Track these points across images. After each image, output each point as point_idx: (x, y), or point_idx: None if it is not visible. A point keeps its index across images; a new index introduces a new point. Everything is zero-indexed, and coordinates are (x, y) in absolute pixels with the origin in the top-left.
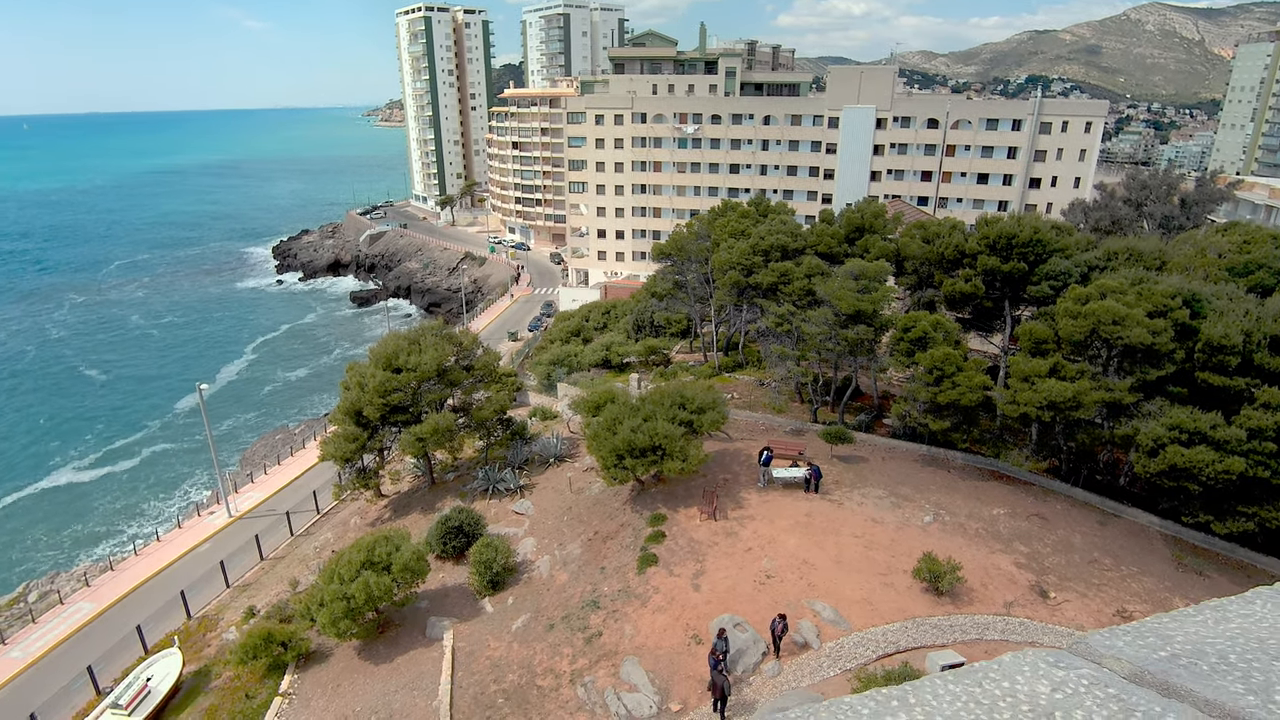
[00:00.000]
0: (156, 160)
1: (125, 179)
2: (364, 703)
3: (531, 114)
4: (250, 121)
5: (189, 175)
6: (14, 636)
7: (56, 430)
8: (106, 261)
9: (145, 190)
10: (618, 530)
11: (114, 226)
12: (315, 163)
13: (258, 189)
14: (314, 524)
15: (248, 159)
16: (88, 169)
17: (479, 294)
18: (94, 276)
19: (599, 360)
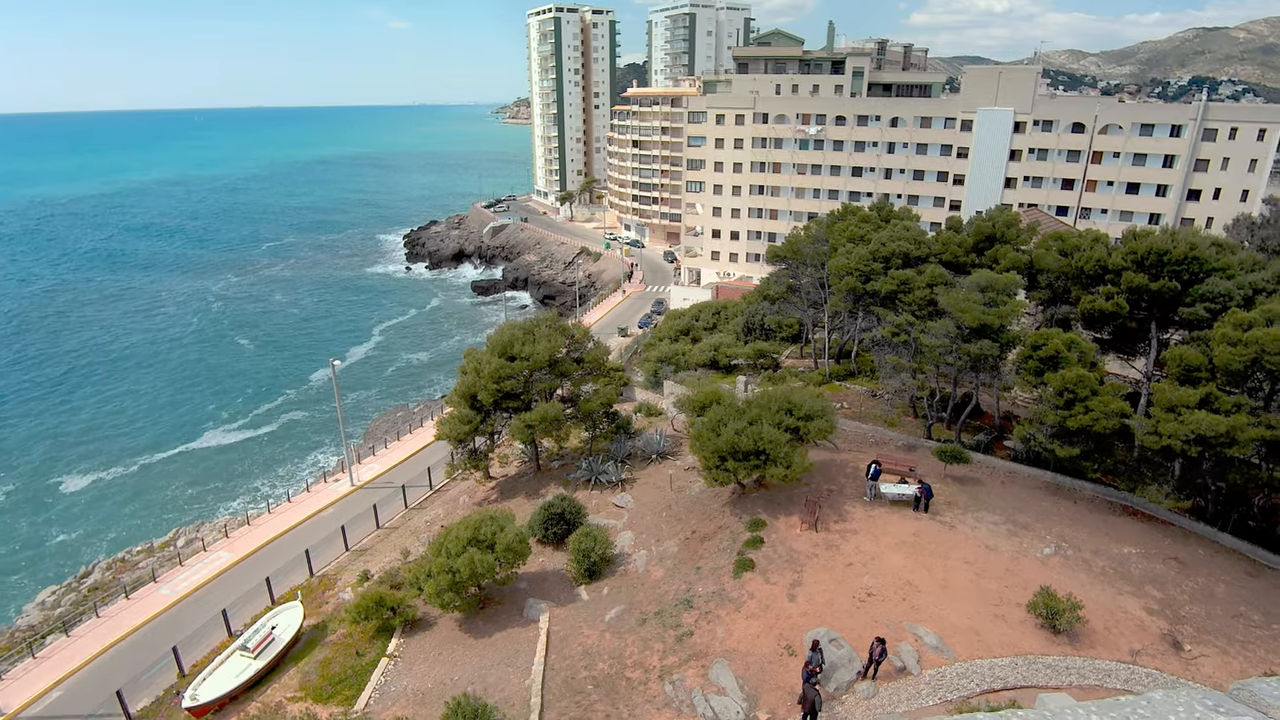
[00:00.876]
0: (307, 151)
1: (280, 168)
2: (461, 673)
3: (652, 113)
4: (390, 117)
5: (333, 166)
6: (164, 576)
7: (211, 394)
8: (258, 243)
9: (296, 179)
10: (715, 532)
11: (266, 211)
12: (446, 157)
13: (393, 180)
14: (426, 499)
15: (386, 152)
16: (249, 158)
17: (592, 289)
18: (247, 255)
19: (707, 360)
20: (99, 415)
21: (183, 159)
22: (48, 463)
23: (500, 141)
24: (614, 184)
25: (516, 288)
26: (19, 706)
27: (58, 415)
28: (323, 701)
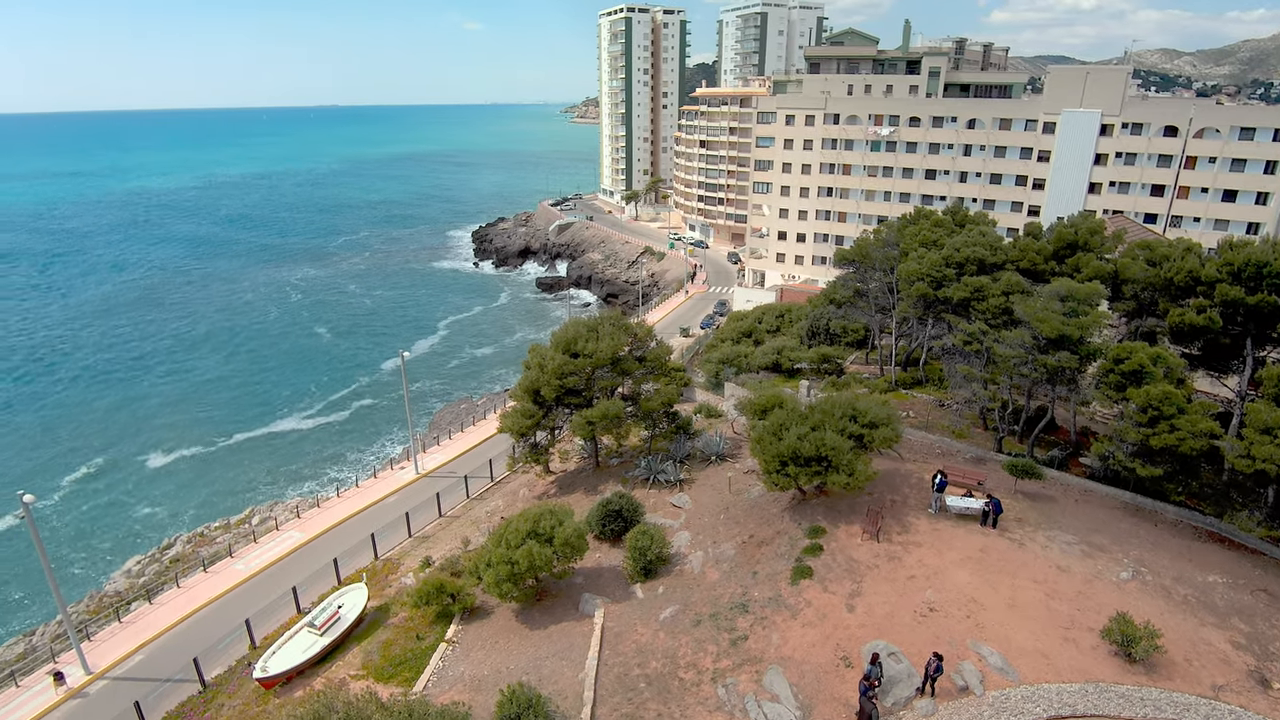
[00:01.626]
0: (382, 149)
1: (357, 165)
2: (517, 662)
3: (721, 113)
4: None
5: (407, 163)
6: (239, 552)
7: (287, 381)
8: (335, 235)
9: (371, 175)
10: (773, 537)
11: (344, 206)
12: (515, 155)
13: (464, 178)
14: (487, 490)
15: (458, 150)
16: (329, 155)
17: (655, 288)
18: (324, 247)
19: (769, 363)
20: (183, 396)
21: (262, 155)
22: (135, 440)
23: (568, 140)
24: (680, 184)
25: (580, 285)
26: (106, 666)
27: (145, 394)
28: (383, 681)
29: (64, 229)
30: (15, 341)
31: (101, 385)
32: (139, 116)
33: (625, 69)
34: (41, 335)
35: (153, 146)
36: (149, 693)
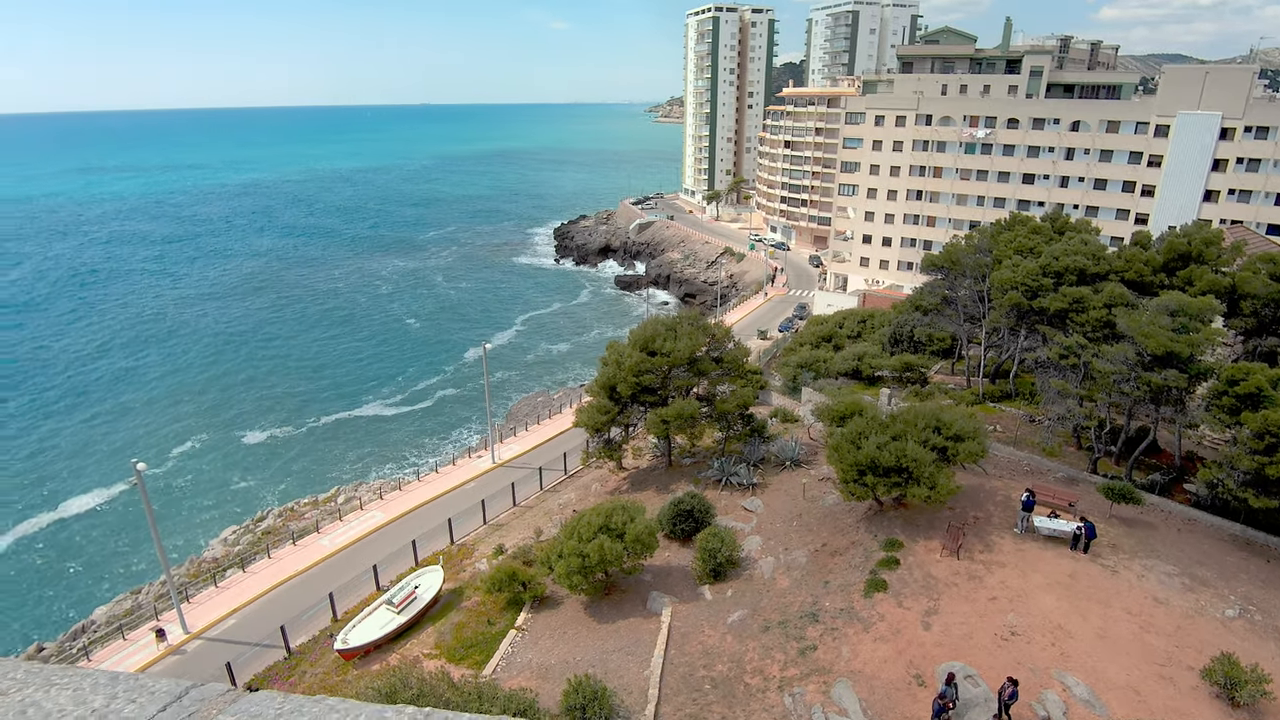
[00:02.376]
0: (470, 146)
1: (446, 162)
2: (583, 654)
3: (807, 113)
4: (548, 114)
5: (494, 160)
6: (326, 528)
7: (376, 367)
8: (425, 229)
9: (460, 172)
10: (848, 547)
11: (434, 201)
12: (599, 154)
13: (547, 176)
14: (561, 482)
15: (542, 148)
16: (417, 152)
17: (734, 289)
18: (414, 241)
19: (849, 370)
20: (279, 379)
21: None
22: (235, 417)
23: (651, 140)
24: (762, 185)
25: (658, 285)
26: (203, 627)
27: (245, 375)
28: (455, 662)
29: (188, 216)
30: (137, 321)
31: (206, 365)
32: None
33: (711, 68)
34: (158, 316)
35: (266, 142)
36: (239, 655)
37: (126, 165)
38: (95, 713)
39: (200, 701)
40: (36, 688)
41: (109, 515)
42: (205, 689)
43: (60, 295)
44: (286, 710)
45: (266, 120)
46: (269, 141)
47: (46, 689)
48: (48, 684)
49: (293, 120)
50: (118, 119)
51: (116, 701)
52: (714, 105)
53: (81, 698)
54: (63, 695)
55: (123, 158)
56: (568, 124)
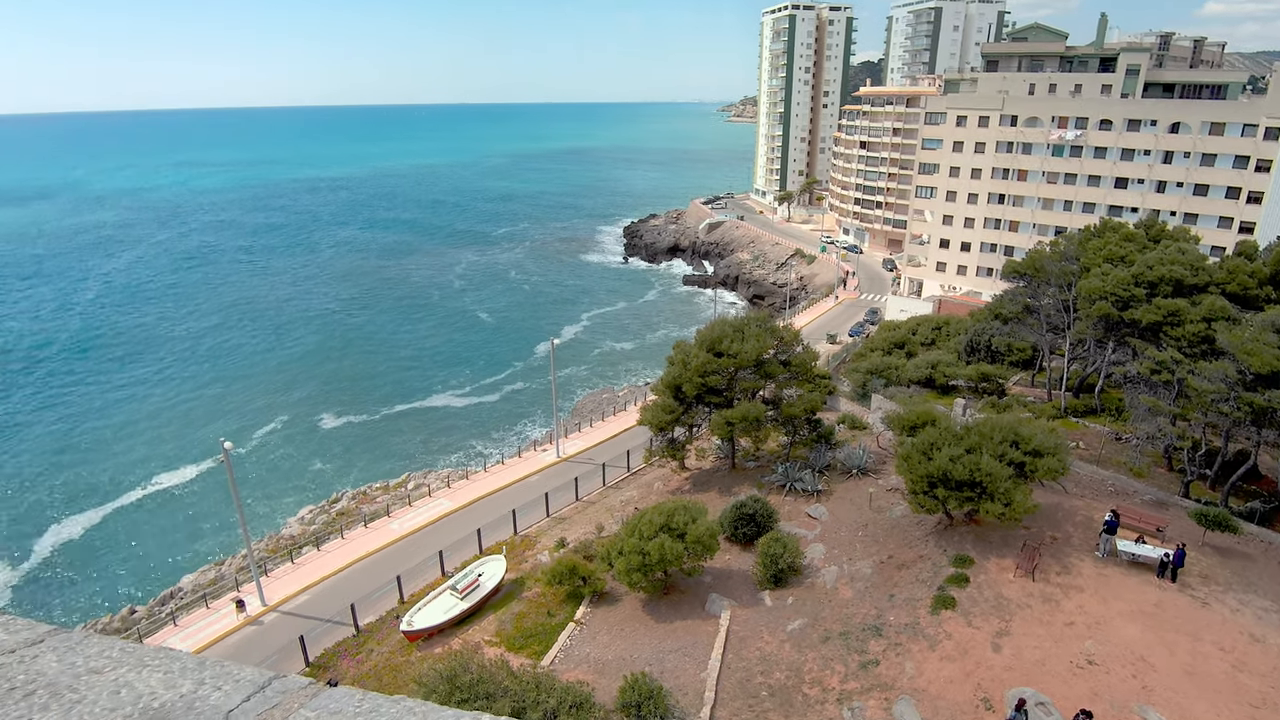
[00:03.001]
0: (542, 144)
1: (518, 159)
2: (640, 652)
3: (884, 113)
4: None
5: (565, 158)
6: (396, 512)
7: (447, 359)
8: (497, 226)
9: (531, 169)
10: (915, 560)
11: (506, 198)
12: (670, 153)
13: (618, 174)
14: (623, 479)
15: (614, 147)
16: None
17: (803, 292)
18: (487, 236)
19: (922, 378)
20: (355, 367)
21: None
22: (313, 402)
23: (723, 139)
24: (836, 186)
25: (727, 285)
26: (279, 600)
27: (323, 362)
28: (514, 651)
29: (277, 207)
30: (229, 306)
31: (291, 351)
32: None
33: (786, 67)
34: (247, 302)
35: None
36: (311, 629)
37: (212, 160)
38: (183, 698)
39: (282, 693)
40: (130, 668)
41: (199, 489)
42: (287, 680)
43: (161, 280)
44: (365, 709)
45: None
46: (346, 139)
47: (139, 670)
48: (140, 664)
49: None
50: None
51: (204, 688)
52: (788, 104)
53: (171, 681)
54: (154, 677)
55: (210, 154)
56: (640, 123)
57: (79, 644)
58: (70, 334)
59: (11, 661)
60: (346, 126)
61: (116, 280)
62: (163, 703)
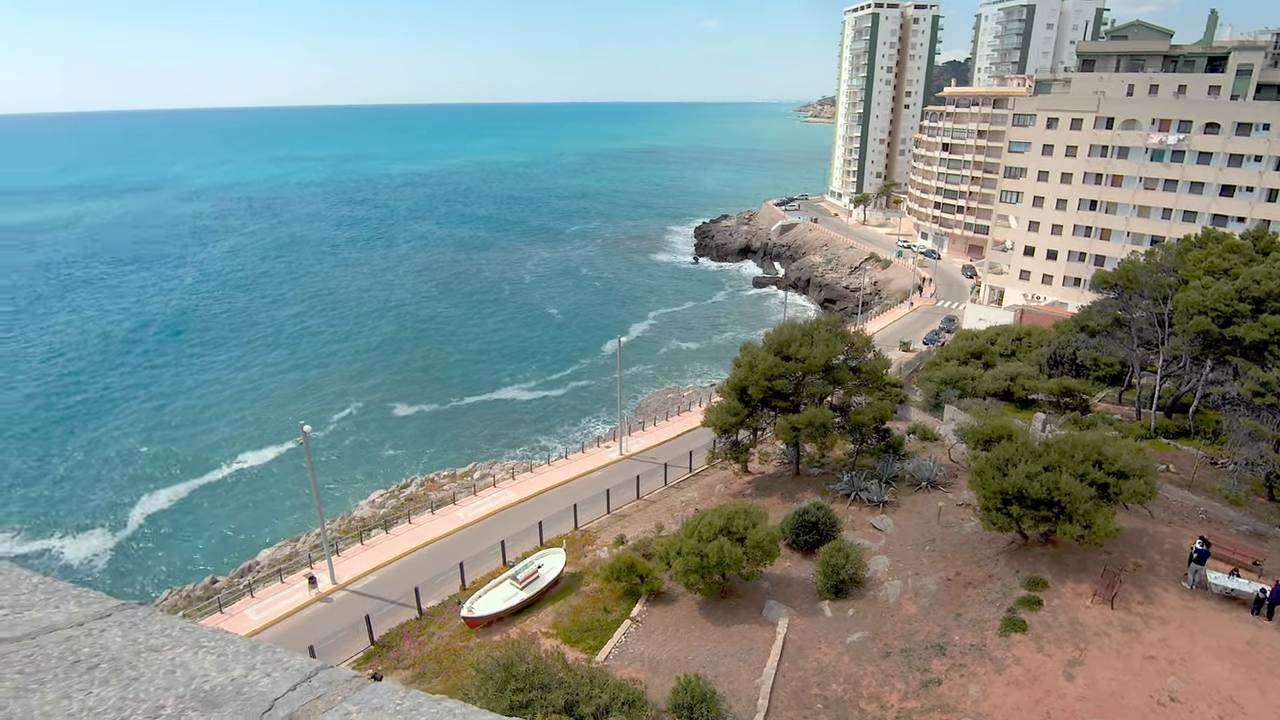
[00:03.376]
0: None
1: (593, 158)
2: (695, 654)
3: (969, 114)
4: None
5: (639, 158)
6: (461, 501)
7: (516, 353)
8: (570, 223)
9: (606, 168)
10: (984, 580)
11: (580, 196)
12: (744, 153)
13: (691, 174)
14: (684, 480)
15: (688, 146)
16: (567, 148)
17: (877, 297)
18: (560, 233)
19: (999, 390)
20: (430, 357)
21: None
22: (387, 390)
23: (799, 140)
24: (915, 189)
25: (797, 288)
26: (348, 579)
27: (398, 351)
28: (570, 644)
29: (362, 200)
30: (313, 295)
31: (369, 340)
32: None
33: (867, 66)
34: (331, 292)
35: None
36: (377, 609)
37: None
38: (234, 681)
39: (327, 684)
40: (187, 648)
41: (278, 468)
42: (334, 672)
43: (251, 268)
44: (406, 707)
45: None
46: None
47: (195, 650)
48: (197, 645)
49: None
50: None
51: (254, 673)
52: (867, 105)
53: (224, 664)
54: (208, 659)
55: (307, 149)
56: (715, 123)
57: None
58: (166, 317)
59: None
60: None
61: (210, 268)
62: (214, 685)
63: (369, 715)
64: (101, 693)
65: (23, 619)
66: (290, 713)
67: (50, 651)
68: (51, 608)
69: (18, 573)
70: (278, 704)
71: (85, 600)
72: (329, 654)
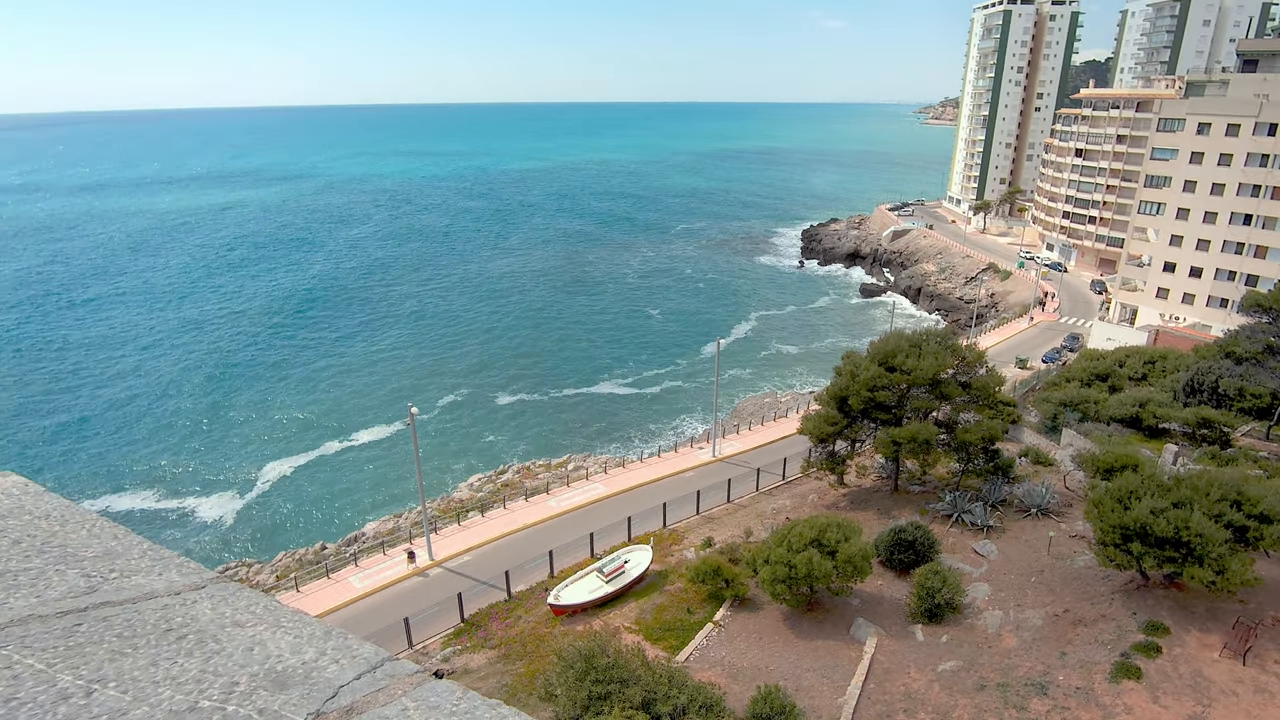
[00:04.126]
0: (731, 144)
1: (706, 157)
2: (777, 664)
3: (1108, 118)
4: (815, 114)
5: (752, 158)
6: (554, 491)
7: (614, 350)
8: (676, 222)
9: (717, 168)
10: (1096, 619)
11: (688, 195)
12: (859, 156)
13: (803, 175)
14: (777, 487)
15: (801, 148)
16: (682, 148)
17: (993, 309)
18: (662, 234)
19: (1126, 416)
20: (532, 348)
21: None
22: (491, 378)
23: (918, 142)
24: (1042, 196)
25: (906, 296)
26: (444, 557)
27: (504, 341)
28: (651, 641)
29: (481, 193)
30: (434, 280)
31: (479, 328)
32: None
33: (996, 66)
34: (453, 280)
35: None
36: (469, 588)
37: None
38: (304, 665)
39: (390, 677)
40: (267, 626)
41: (386, 446)
42: (398, 665)
43: (378, 253)
44: (461, 709)
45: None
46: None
47: (274, 630)
48: (276, 625)
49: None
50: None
51: (324, 658)
52: (994, 106)
53: (298, 646)
54: (284, 640)
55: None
56: (832, 124)
57: (232, 595)
58: (298, 299)
59: (175, 604)
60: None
61: (341, 253)
62: (286, 666)
63: (426, 714)
64: (185, 663)
65: (129, 584)
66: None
67: (147, 618)
68: (155, 574)
69: (131, 538)
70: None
71: (186, 570)
72: (422, 627)
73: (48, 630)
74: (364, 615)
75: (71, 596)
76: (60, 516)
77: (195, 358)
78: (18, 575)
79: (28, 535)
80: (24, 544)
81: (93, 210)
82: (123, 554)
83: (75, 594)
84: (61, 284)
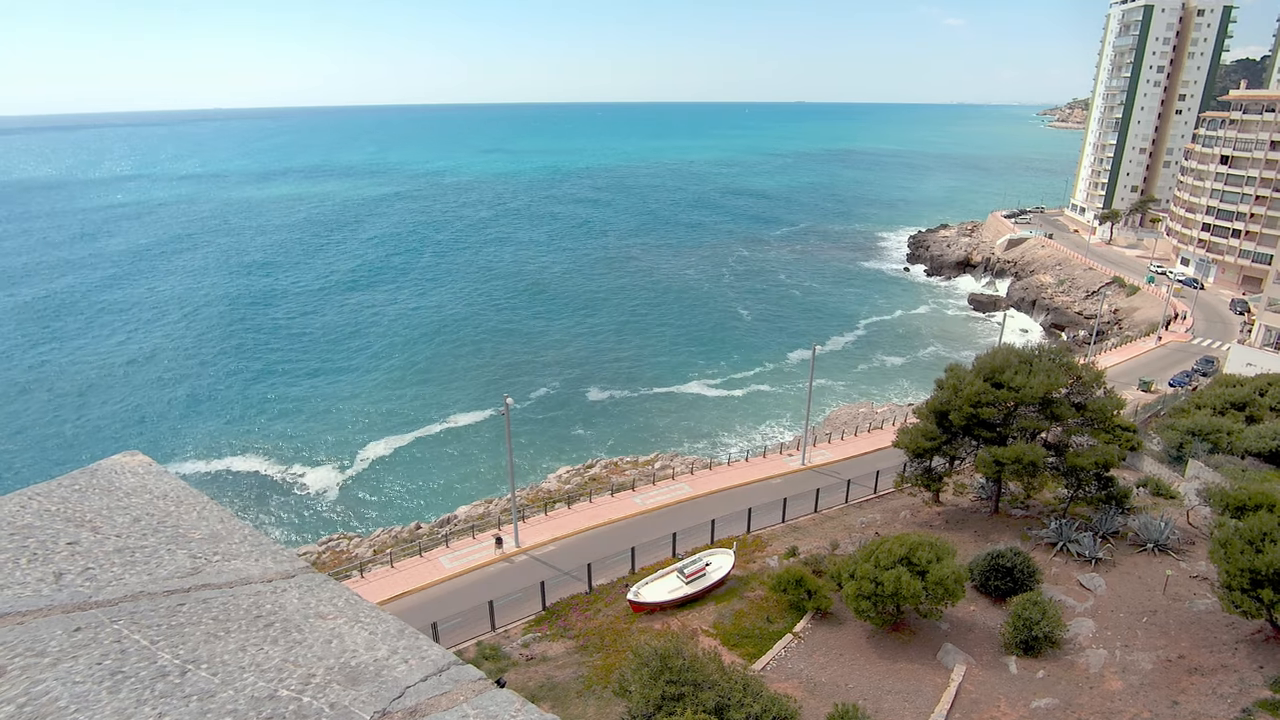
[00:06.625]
0: (843, 144)
1: (811, 158)
2: (857, 683)
3: (1260, 122)
4: (932, 115)
5: (862, 159)
6: (640, 488)
7: (704, 350)
8: (777, 225)
9: (825, 170)
10: (1215, 669)
11: (790, 196)
12: (976, 159)
13: (915, 179)
14: (867, 500)
15: (916, 150)
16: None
17: (1116, 327)
18: (764, 234)
19: (1265, 450)
20: (623, 345)
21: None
22: (583, 373)
23: (1040, 146)
24: (1179, 206)
25: (1019, 308)
26: (529, 545)
27: (597, 336)
28: (728, 647)
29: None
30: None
31: (572, 323)
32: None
33: (1133, 66)
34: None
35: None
36: (551, 577)
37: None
38: (376, 662)
39: (455, 681)
40: (347, 620)
41: (482, 433)
42: (463, 670)
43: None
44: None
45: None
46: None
47: (353, 624)
48: (355, 619)
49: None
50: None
51: (394, 657)
52: (1128, 108)
53: (373, 643)
54: (360, 635)
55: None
56: (950, 126)
57: (318, 586)
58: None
59: (266, 590)
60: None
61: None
62: (359, 662)
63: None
64: (270, 651)
65: (229, 568)
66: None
67: (241, 602)
68: (252, 560)
69: (234, 523)
70: (408, 692)
71: (280, 557)
72: (506, 611)
73: (154, 608)
74: (452, 595)
75: (178, 576)
76: (176, 497)
77: (312, 340)
78: (134, 552)
79: (147, 514)
80: (143, 522)
81: (286, 196)
82: (226, 537)
83: (181, 574)
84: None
